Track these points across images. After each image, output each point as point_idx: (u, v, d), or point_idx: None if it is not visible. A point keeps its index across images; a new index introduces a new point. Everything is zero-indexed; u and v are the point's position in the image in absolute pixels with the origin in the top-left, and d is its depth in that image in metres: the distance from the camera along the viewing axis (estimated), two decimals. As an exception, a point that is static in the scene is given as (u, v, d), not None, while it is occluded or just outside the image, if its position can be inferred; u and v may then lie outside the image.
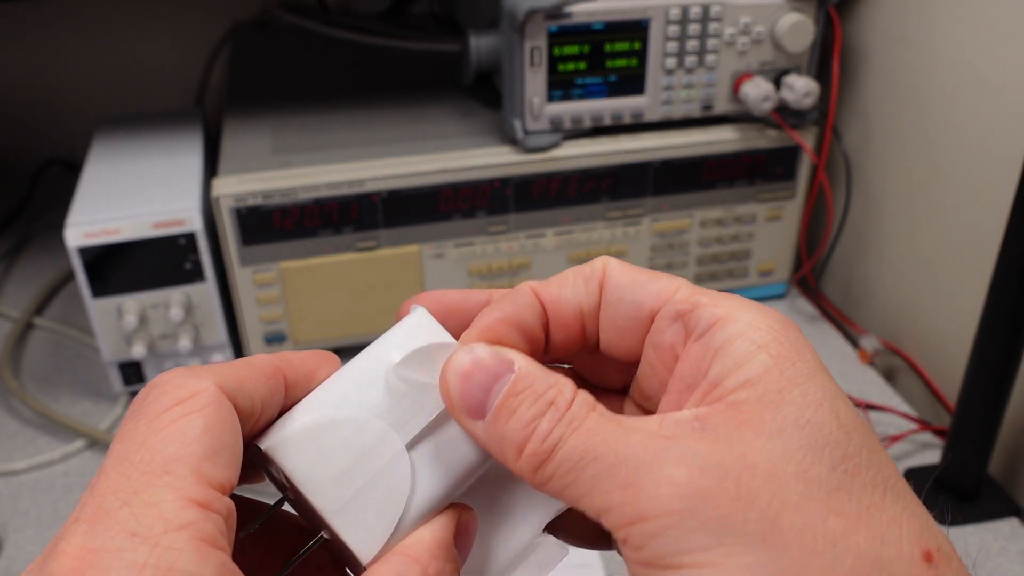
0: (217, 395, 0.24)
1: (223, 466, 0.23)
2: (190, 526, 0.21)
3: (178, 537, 0.20)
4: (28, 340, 0.79)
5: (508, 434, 0.23)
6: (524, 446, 0.23)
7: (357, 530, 0.25)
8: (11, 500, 0.62)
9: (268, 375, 0.26)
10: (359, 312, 0.71)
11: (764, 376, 0.22)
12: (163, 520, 0.21)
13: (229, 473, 0.23)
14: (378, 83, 0.83)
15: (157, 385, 0.24)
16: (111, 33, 1.00)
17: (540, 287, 0.27)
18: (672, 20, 0.67)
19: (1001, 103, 0.61)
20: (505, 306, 0.27)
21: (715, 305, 0.24)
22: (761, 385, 0.22)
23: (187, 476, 0.22)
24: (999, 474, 0.64)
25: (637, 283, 0.26)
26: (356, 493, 0.25)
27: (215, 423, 0.23)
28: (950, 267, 0.69)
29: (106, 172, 0.70)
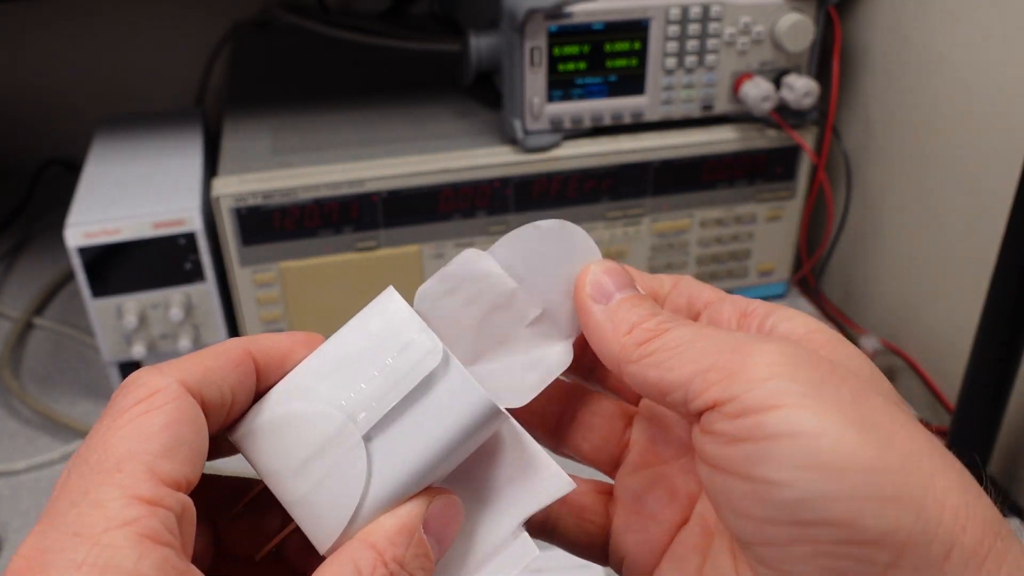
0: (178, 391, 0.24)
1: (180, 462, 0.23)
2: (133, 523, 0.21)
3: (118, 535, 0.21)
4: (28, 340, 0.79)
5: (625, 316, 0.27)
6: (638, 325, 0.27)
7: (314, 521, 0.25)
8: (11, 500, 0.62)
9: (236, 362, 0.26)
10: (359, 312, 0.71)
11: (813, 335, 0.27)
12: (105, 518, 0.21)
13: (187, 469, 0.23)
14: (378, 83, 0.83)
15: (123, 386, 0.24)
16: (111, 33, 1.00)
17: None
18: (672, 20, 0.67)
19: (1001, 103, 0.61)
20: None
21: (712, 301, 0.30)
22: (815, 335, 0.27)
23: (138, 473, 0.22)
24: (1000, 474, 0.64)
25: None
26: (314, 485, 0.25)
27: (175, 419, 0.23)
28: (950, 267, 0.69)
29: (106, 172, 0.70)
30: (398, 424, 0.26)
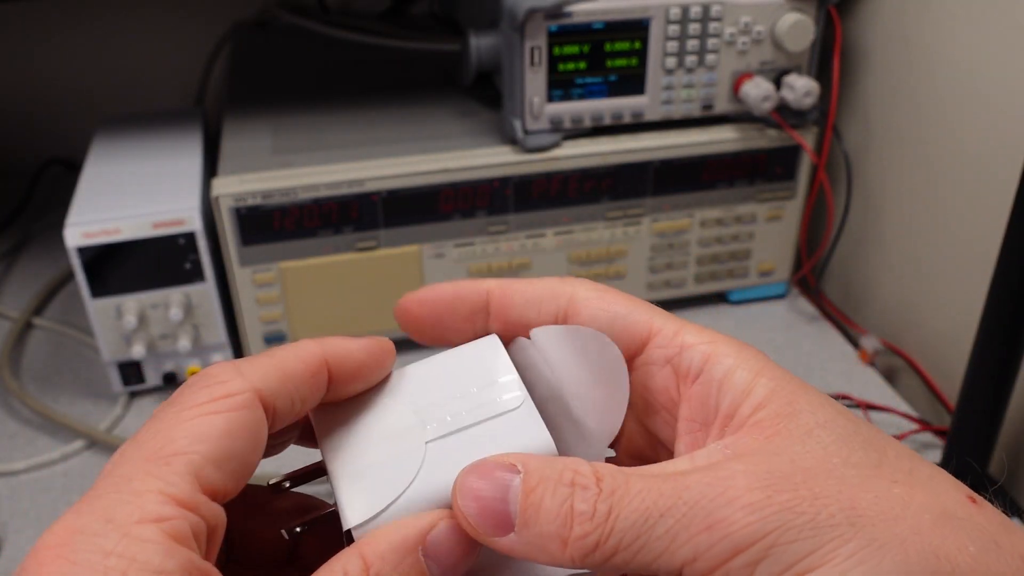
0: (250, 401, 0.24)
1: (227, 473, 0.23)
2: (165, 521, 0.21)
3: (149, 529, 0.21)
4: (28, 340, 0.78)
5: (544, 530, 0.22)
6: (568, 533, 0.22)
7: (353, 497, 0.26)
8: (11, 500, 0.62)
9: (313, 372, 0.26)
10: (359, 312, 0.71)
11: (772, 396, 0.24)
12: (141, 510, 0.21)
13: (230, 482, 0.23)
14: (378, 83, 0.83)
15: (200, 377, 0.24)
16: (111, 33, 1.00)
17: (499, 292, 0.28)
18: (672, 20, 0.67)
19: (1002, 103, 0.61)
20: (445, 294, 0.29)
21: (700, 343, 0.26)
22: (772, 404, 0.24)
23: (183, 473, 0.22)
24: (1000, 474, 0.64)
25: (613, 319, 0.27)
26: (366, 467, 0.26)
27: (236, 429, 0.23)
28: (950, 267, 0.69)
29: (106, 172, 0.70)
30: (460, 442, 0.27)
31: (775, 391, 0.24)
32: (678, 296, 0.79)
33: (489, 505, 0.23)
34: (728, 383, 0.24)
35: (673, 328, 0.26)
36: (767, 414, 0.24)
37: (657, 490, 0.22)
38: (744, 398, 0.24)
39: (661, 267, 0.77)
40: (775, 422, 0.23)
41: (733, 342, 0.26)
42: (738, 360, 0.25)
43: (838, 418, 0.23)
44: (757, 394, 0.24)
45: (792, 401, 0.24)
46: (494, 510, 0.23)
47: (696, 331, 0.26)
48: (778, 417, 0.23)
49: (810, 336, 0.78)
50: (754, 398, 0.24)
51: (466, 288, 0.29)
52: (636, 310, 0.27)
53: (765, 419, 0.23)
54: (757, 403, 0.24)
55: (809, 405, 0.24)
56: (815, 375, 0.73)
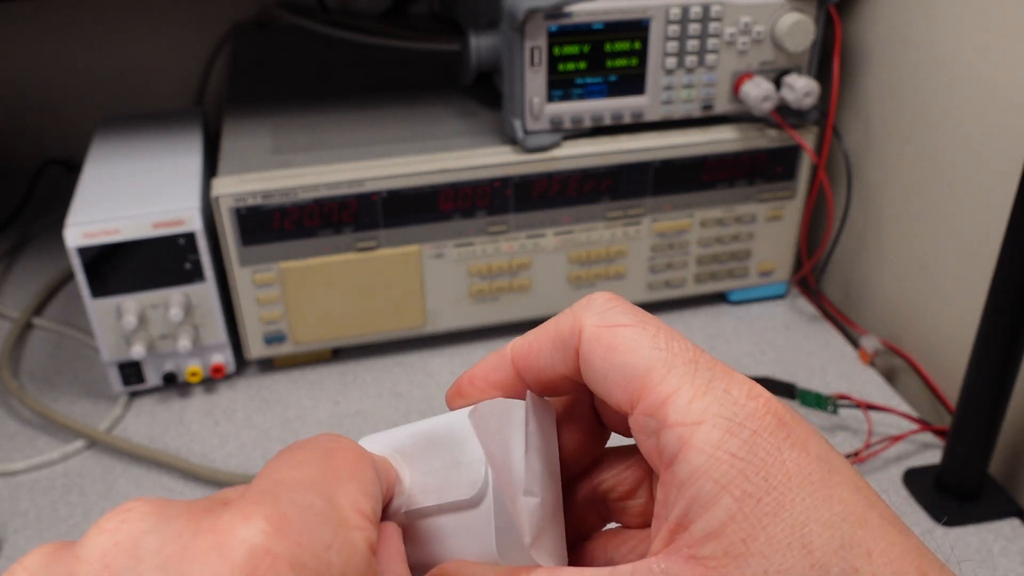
0: (373, 460, 0.25)
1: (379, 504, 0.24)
2: (362, 530, 0.22)
3: (356, 535, 0.21)
4: (27, 340, 0.78)
5: None
6: None
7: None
8: (11, 500, 0.62)
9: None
10: (359, 312, 0.71)
11: (728, 526, 0.21)
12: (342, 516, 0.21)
13: (379, 512, 0.24)
14: (378, 83, 0.83)
15: (328, 435, 0.25)
16: (111, 33, 1.00)
17: (519, 355, 0.27)
18: (672, 20, 0.67)
19: (1002, 103, 0.61)
20: (479, 373, 0.28)
21: (680, 424, 0.22)
22: (726, 538, 0.21)
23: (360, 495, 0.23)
24: (1000, 474, 0.64)
25: (609, 368, 0.24)
26: None
27: (376, 476, 0.24)
28: (951, 267, 0.69)
29: (106, 172, 0.70)
30: (422, 528, 0.28)
31: (733, 519, 0.21)
32: (678, 296, 0.79)
33: None
34: (688, 491, 0.22)
35: (665, 391, 0.23)
36: (714, 551, 0.21)
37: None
38: (698, 517, 0.21)
39: (661, 267, 0.77)
40: (719, 565, 0.21)
41: (721, 421, 0.22)
42: (709, 461, 0.21)
43: (799, 563, 0.20)
44: (713, 517, 0.21)
45: (747, 539, 0.21)
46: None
47: (687, 400, 0.22)
48: (724, 559, 0.21)
49: (810, 336, 0.78)
50: (708, 520, 0.21)
51: (493, 368, 0.28)
52: (634, 357, 0.24)
53: (710, 558, 0.21)
54: (709, 531, 0.21)
55: (766, 546, 0.21)
56: (815, 375, 0.73)
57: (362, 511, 0.22)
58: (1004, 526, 0.59)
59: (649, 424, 0.23)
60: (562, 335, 0.26)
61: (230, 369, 0.72)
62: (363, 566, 0.21)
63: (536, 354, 0.27)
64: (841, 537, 0.21)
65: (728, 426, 0.22)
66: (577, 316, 0.25)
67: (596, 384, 0.25)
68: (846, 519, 0.21)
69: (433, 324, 0.74)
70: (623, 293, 0.77)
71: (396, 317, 0.72)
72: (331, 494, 0.22)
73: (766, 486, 0.21)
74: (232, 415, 0.70)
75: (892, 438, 0.65)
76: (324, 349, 0.74)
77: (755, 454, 0.21)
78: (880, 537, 0.21)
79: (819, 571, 0.20)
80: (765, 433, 0.22)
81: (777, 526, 0.21)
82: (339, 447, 0.24)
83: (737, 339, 0.78)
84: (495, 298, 0.74)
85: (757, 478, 0.21)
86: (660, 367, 0.23)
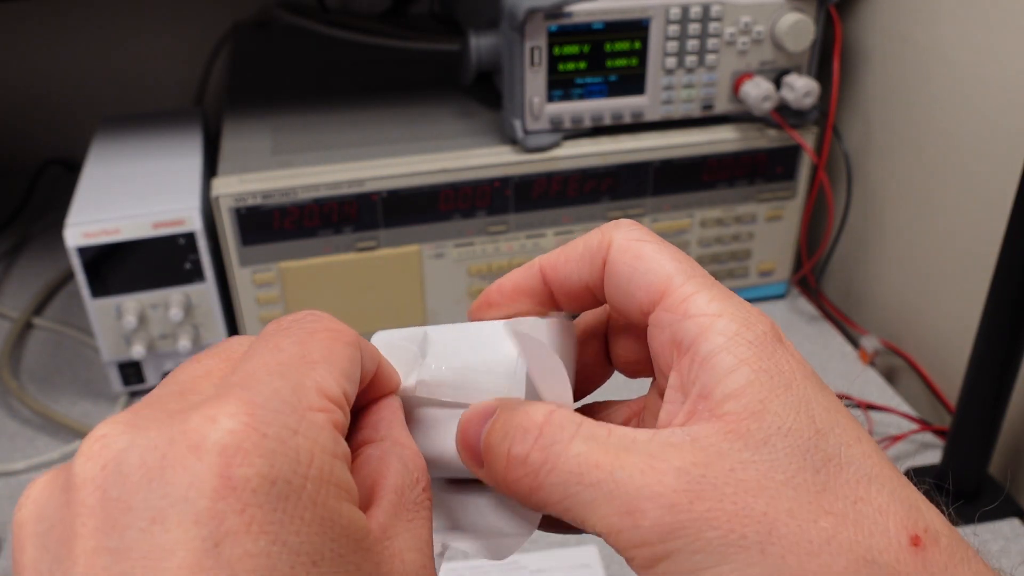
0: (357, 340, 0.26)
1: (354, 384, 0.25)
2: (325, 411, 0.22)
3: (319, 417, 0.22)
4: (27, 340, 0.78)
5: (496, 469, 0.25)
6: (508, 474, 0.24)
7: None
8: (11, 500, 0.62)
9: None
10: (359, 312, 0.71)
11: (747, 389, 0.23)
12: (307, 399, 0.22)
13: (353, 391, 0.25)
14: (378, 83, 0.83)
15: (311, 313, 0.26)
16: (111, 33, 1.00)
17: (548, 265, 0.29)
18: (672, 20, 0.67)
19: (1002, 102, 0.61)
20: (508, 282, 0.30)
21: (702, 315, 0.25)
22: (745, 397, 0.23)
23: (329, 377, 0.23)
24: (1000, 474, 0.64)
25: (634, 272, 0.27)
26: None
27: (356, 355, 0.25)
28: (951, 267, 0.69)
29: (106, 172, 0.70)
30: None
31: (751, 384, 0.24)
32: (678, 296, 0.79)
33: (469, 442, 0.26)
34: (710, 364, 0.24)
35: (686, 292, 0.26)
36: (734, 407, 0.23)
37: (595, 459, 0.23)
38: (719, 383, 0.24)
39: (661, 267, 0.77)
40: (738, 420, 0.23)
41: (738, 317, 0.25)
42: (729, 342, 0.24)
43: (804, 429, 0.23)
44: (733, 383, 0.24)
45: (764, 399, 0.23)
46: (472, 447, 0.26)
47: (706, 300, 0.25)
48: (743, 415, 0.23)
49: (810, 336, 0.78)
50: (728, 386, 0.24)
51: (523, 278, 0.30)
52: (659, 263, 0.26)
53: (730, 413, 0.23)
54: (729, 392, 0.24)
55: (780, 407, 0.23)
56: (815, 375, 0.73)
57: (327, 392, 0.23)
58: (1004, 526, 0.59)
59: (671, 317, 0.25)
60: (591, 246, 0.28)
61: (230, 369, 0.71)
62: (329, 445, 0.22)
63: (564, 264, 0.29)
64: (837, 420, 0.24)
65: (744, 321, 0.25)
66: (606, 232, 0.28)
67: (620, 287, 0.27)
68: (840, 411, 0.24)
69: (433, 324, 0.74)
70: (623, 293, 0.77)
71: (396, 317, 0.72)
72: (299, 378, 0.23)
73: (776, 369, 0.24)
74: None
75: (892, 438, 0.65)
76: (324, 349, 0.74)
77: (765, 347, 0.24)
78: (864, 433, 0.24)
79: (821, 436, 0.23)
80: (771, 336, 0.25)
81: (788, 396, 0.24)
82: (318, 327, 0.25)
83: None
84: (495, 298, 0.74)
85: (769, 361, 0.24)
86: (681, 275, 0.26)
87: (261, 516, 0.20)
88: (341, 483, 0.22)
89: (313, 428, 0.22)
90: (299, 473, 0.21)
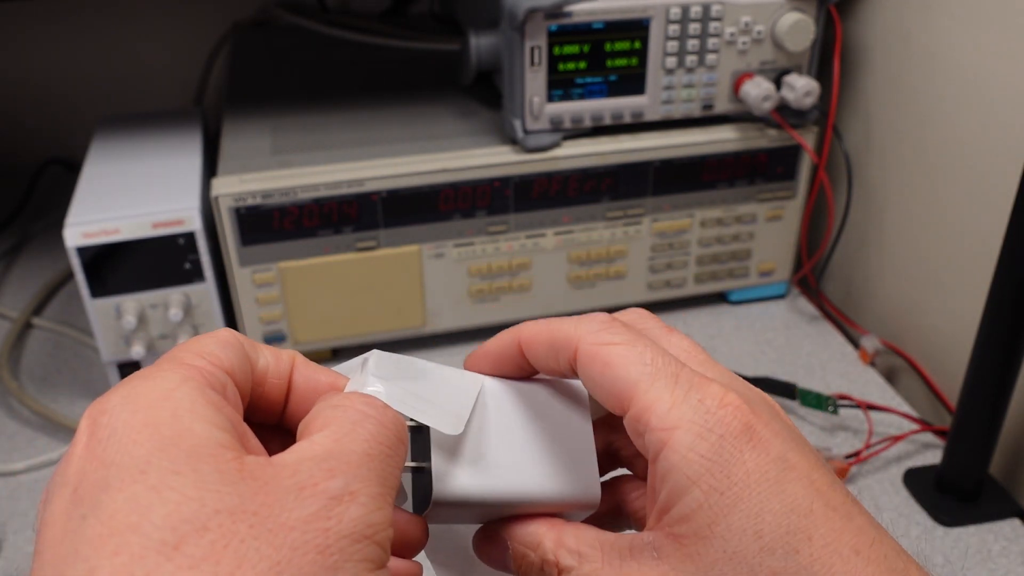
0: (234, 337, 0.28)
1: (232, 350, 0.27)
2: (192, 377, 0.25)
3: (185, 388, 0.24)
4: (27, 340, 0.78)
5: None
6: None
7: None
8: (10, 500, 0.62)
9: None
10: (359, 312, 0.71)
11: (696, 512, 0.26)
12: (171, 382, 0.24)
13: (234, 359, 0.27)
14: (378, 83, 0.82)
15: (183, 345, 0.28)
16: (111, 33, 1.00)
17: (525, 342, 0.31)
18: (672, 19, 0.67)
19: (1002, 102, 0.61)
20: (489, 351, 0.32)
21: (660, 428, 0.26)
22: (694, 520, 0.26)
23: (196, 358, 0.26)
24: (1000, 475, 0.64)
25: (603, 378, 0.28)
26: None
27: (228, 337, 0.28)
28: (951, 267, 0.69)
29: (105, 172, 0.70)
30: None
31: (701, 507, 0.25)
32: (678, 296, 0.79)
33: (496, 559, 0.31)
34: (668, 480, 0.26)
35: (648, 401, 0.27)
36: (687, 530, 0.26)
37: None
38: (675, 502, 0.26)
39: (661, 267, 0.77)
40: (691, 543, 0.26)
41: (695, 425, 0.26)
42: (683, 460, 0.26)
43: (748, 549, 0.25)
44: (685, 504, 0.26)
45: (713, 523, 0.25)
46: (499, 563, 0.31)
47: (666, 409, 0.26)
48: (695, 538, 0.25)
49: (810, 336, 0.78)
50: (682, 507, 0.26)
51: (504, 345, 0.31)
52: (624, 371, 0.28)
53: (685, 535, 0.26)
54: (683, 514, 0.26)
55: (727, 531, 0.25)
56: (815, 375, 0.73)
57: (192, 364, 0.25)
58: (1004, 526, 0.59)
59: (637, 427, 0.27)
60: (557, 344, 0.29)
61: (230, 369, 0.71)
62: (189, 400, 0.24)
63: (536, 347, 0.30)
64: (787, 525, 0.25)
65: (699, 431, 0.26)
66: (574, 331, 0.29)
67: (593, 389, 0.29)
68: (794, 510, 0.25)
69: (433, 324, 0.74)
70: (623, 293, 0.77)
71: (396, 317, 0.72)
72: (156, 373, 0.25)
73: (728, 482, 0.25)
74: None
75: (892, 438, 0.65)
76: (324, 349, 0.74)
77: (720, 455, 0.26)
78: (821, 523, 0.25)
79: (767, 553, 0.25)
80: (730, 437, 0.26)
81: (735, 515, 0.25)
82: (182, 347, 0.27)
83: (737, 339, 0.78)
84: (495, 298, 0.74)
85: (721, 475, 0.25)
86: (645, 380, 0.27)
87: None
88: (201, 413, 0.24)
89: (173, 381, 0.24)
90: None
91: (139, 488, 0.21)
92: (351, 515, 0.22)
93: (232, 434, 0.23)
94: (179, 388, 0.24)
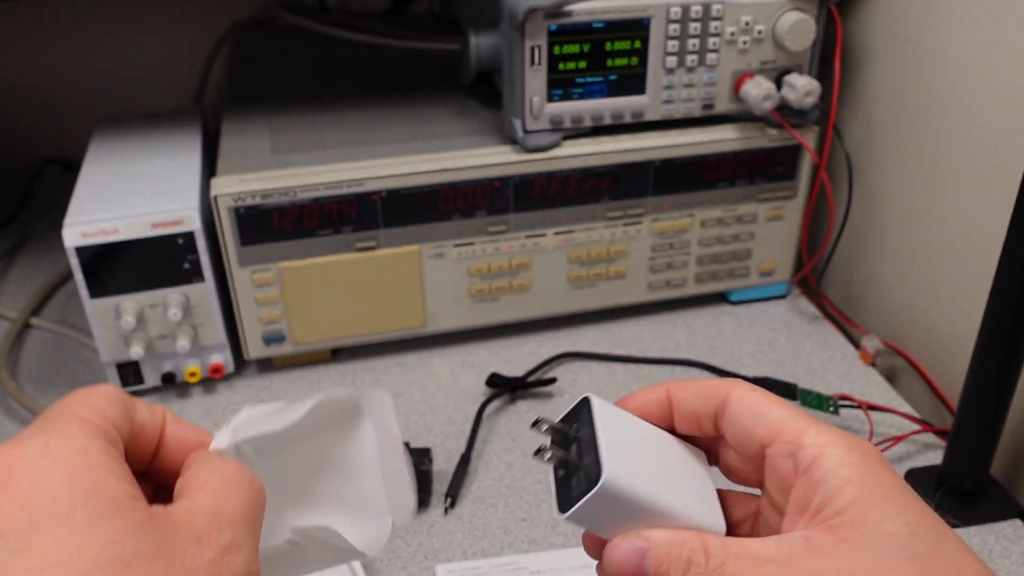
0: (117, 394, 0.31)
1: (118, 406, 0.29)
2: (86, 424, 0.27)
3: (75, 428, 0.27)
4: (26, 340, 0.78)
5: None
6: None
7: None
8: (9, 501, 0.62)
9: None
10: (359, 312, 0.71)
11: (851, 505, 0.30)
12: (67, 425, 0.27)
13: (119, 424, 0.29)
14: (378, 83, 0.82)
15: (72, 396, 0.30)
16: (110, 33, 0.99)
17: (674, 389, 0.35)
18: (673, 19, 0.67)
19: (1003, 102, 0.61)
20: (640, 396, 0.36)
21: (814, 445, 0.31)
22: (849, 512, 0.29)
23: (85, 411, 0.28)
24: (1001, 475, 0.64)
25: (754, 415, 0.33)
26: None
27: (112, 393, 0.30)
28: (952, 267, 0.69)
29: (104, 172, 0.70)
30: None
31: (855, 500, 0.29)
32: (678, 296, 0.79)
33: (629, 573, 0.31)
34: (823, 484, 0.30)
35: (799, 427, 0.32)
36: (842, 520, 0.29)
37: (744, 573, 0.30)
38: (830, 500, 0.30)
39: (661, 267, 0.77)
40: (846, 529, 0.29)
41: (842, 443, 0.31)
42: (837, 466, 0.30)
43: (900, 531, 0.29)
44: (840, 500, 0.30)
45: (865, 512, 0.29)
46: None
47: (816, 432, 0.32)
48: (850, 524, 0.29)
49: (811, 336, 0.78)
50: (837, 503, 0.30)
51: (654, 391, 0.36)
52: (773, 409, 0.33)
53: (840, 525, 0.29)
54: (838, 508, 0.30)
55: (880, 516, 0.29)
56: (816, 375, 0.73)
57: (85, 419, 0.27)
58: (1006, 527, 0.59)
59: (788, 449, 0.32)
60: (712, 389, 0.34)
61: (229, 369, 0.71)
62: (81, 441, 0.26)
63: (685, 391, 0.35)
64: (930, 524, 0.30)
65: (846, 448, 0.31)
66: (725, 384, 0.34)
67: (742, 427, 0.33)
68: (929, 515, 0.30)
69: (433, 324, 0.74)
70: (623, 293, 0.77)
71: (396, 317, 0.72)
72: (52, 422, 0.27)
73: (875, 484, 0.30)
74: (231, 415, 0.69)
75: (893, 439, 0.65)
76: (323, 349, 0.74)
77: (866, 467, 0.31)
78: (951, 533, 0.30)
79: (916, 537, 0.29)
80: (871, 458, 0.31)
81: (887, 506, 0.30)
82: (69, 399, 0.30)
83: (738, 339, 0.77)
84: (495, 298, 0.74)
85: (870, 479, 0.30)
86: (792, 417, 0.32)
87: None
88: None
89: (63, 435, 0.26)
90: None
91: (67, 531, 0.24)
92: (237, 564, 0.27)
93: (135, 487, 0.27)
94: (90, 444, 0.26)
